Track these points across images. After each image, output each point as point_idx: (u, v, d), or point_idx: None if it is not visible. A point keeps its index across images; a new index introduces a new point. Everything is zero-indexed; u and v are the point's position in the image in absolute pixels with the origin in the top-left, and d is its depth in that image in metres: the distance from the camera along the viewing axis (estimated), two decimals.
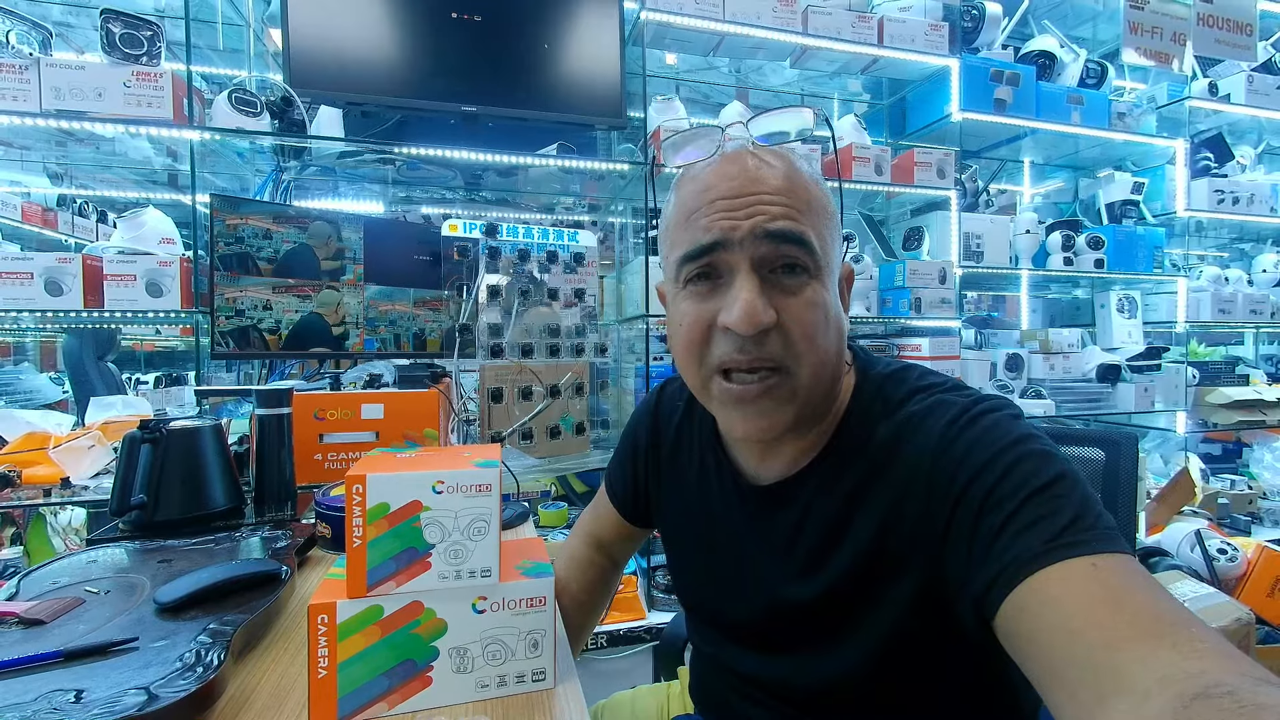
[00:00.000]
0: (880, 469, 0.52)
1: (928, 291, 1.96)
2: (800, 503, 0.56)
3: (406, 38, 1.59)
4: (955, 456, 0.47)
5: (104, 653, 0.48)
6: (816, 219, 0.51)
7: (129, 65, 1.35)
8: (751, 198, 0.49)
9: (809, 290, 0.50)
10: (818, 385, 0.52)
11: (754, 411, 0.51)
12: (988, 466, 0.45)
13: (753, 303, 0.48)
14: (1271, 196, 2.49)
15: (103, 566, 0.66)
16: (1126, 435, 0.76)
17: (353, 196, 1.94)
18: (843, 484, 0.54)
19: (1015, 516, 0.42)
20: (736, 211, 0.49)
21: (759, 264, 0.49)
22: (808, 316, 0.49)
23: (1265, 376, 2.64)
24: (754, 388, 0.50)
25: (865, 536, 0.52)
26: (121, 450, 0.82)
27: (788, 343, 0.49)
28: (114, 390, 2.00)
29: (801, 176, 0.52)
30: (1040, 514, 0.42)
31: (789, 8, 1.83)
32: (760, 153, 0.52)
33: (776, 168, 0.51)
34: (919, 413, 0.52)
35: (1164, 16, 2.25)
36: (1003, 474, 0.44)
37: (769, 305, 0.49)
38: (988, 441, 0.47)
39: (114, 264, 1.36)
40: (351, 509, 0.47)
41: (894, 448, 0.51)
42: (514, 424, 1.44)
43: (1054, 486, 0.43)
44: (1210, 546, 1.74)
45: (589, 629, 0.82)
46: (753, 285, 0.48)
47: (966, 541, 0.45)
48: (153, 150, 1.67)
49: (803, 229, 0.49)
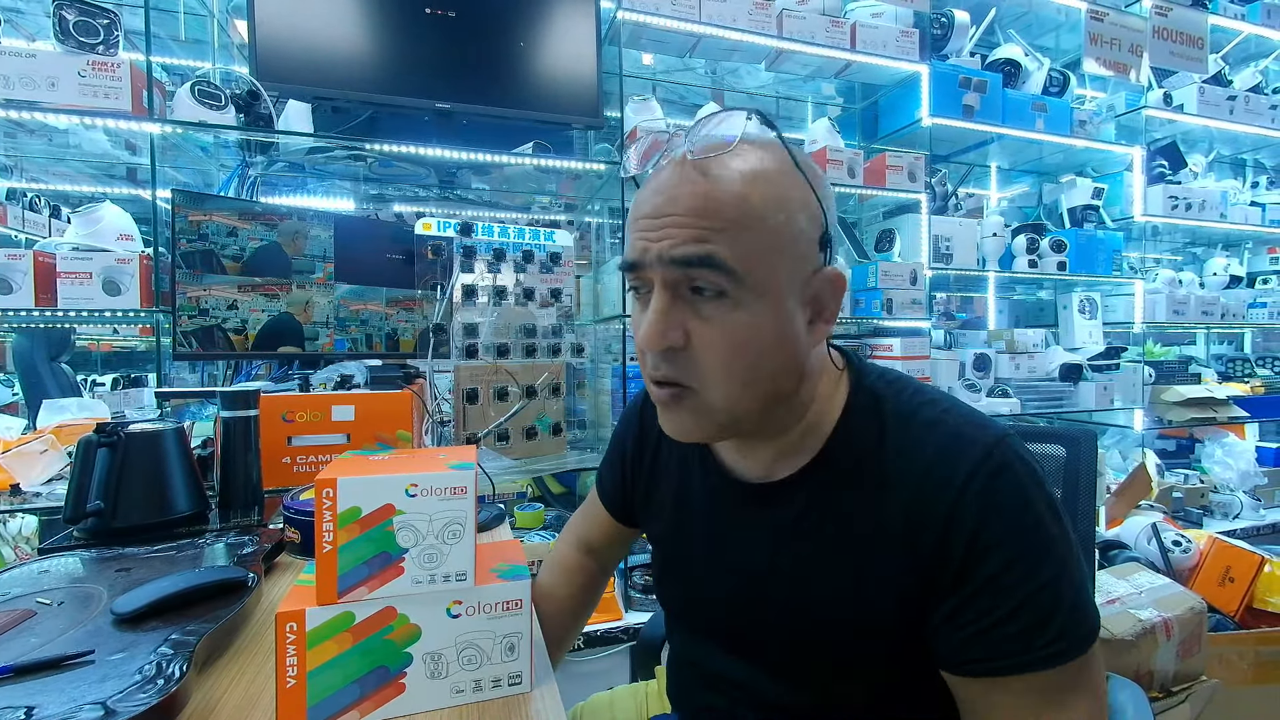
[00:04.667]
0: (889, 491, 0.51)
1: (899, 293, 2.00)
2: (793, 508, 0.55)
3: (378, 31, 1.56)
4: (973, 513, 0.47)
5: (57, 667, 0.46)
6: (739, 237, 0.47)
7: (84, 54, 1.30)
8: (665, 219, 0.48)
9: (727, 316, 0.48)
10: (739, 406, 0.50)
11: (667, 416, 0.53)
12: (1000, 544, 0.47)
13: (654, 324, 0.49)
14: (1221, 203, 2.60)
15: (56, 576, 0.64)
16: (1086, 432, 0.79)
17: (323, 193, 1.90)
18: (844, 497, 0.53)
19: (1007, 619, 0.46)
20: (651, 233, 0.49)
21: (671, 285, 0.49)
22: (719, 343, 0.48)
23: (1216, 375, 2.76)
24: (664, 393, 0.52)
25: (865, 555, 0.51)
26: (76, 454, 0.79)
27: (694, 365, 0.49)
28: (68, 392, 1.92)
29: (726, 193, 0.47)
30: (1028, 622, 0.46)
31: (764, 11, 1.85)
32: (691, 166, 0.48)
33: (695, 185, 0.48)
34: (931, 451, 0.50)
35: (1122, 29, 2.33)
36: (1012, 560, 0.46)
37: (676, 326, 0.49)
38: (1008, 512, 0.47)
39: (68, 261, 1.31)
40: (321, 513, 0.46)
41: (907, 475, 0.50)
42: (489, 425, 1.43)
43: (1050, 588, 0.46)
44: (1165, 539, 1.81)
45: (574, 635, 0.82)
46: (659, 306, 0.49)
47: (955, 605, 0.48)
48: (110, 143, 1.61)
49: (710, 250, 0.47)
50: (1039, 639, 0.45)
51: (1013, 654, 0.46)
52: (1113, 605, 1.31)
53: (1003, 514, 0.47)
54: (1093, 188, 2.49)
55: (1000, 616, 0.46)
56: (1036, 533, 0.47)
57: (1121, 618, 1.26)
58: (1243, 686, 1.42)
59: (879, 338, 2.11)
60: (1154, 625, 1.25)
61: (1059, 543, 0.47)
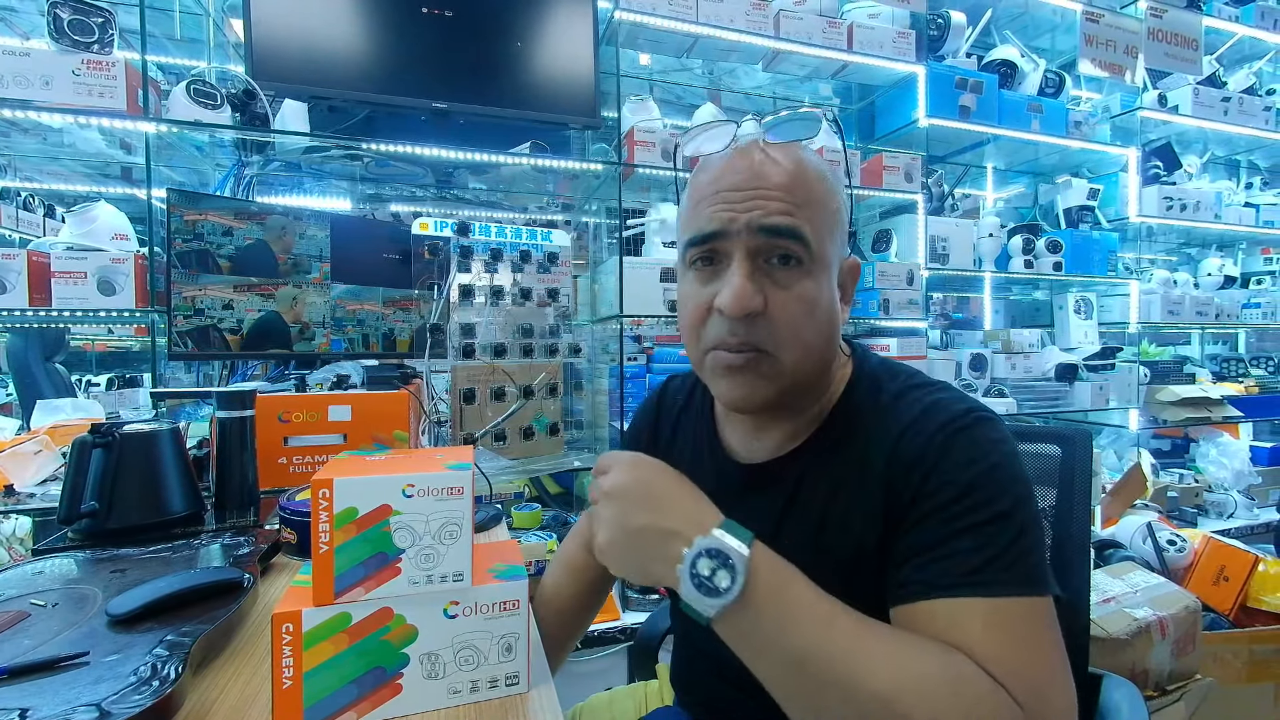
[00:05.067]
0: (870, 461, 0.54)
1: (896, 293, 2.00)
2: (787, 484, 0.58)
3: (375, 31, 1.56)
4: (935, 456, 0.50)
5: (51, 668, 0.45)
6: (815, 215, 0.53)
7: (78, 53, 1.29)
8: (752, 191, 0.53)
9: (800, 283, 0.53)
10: (801, 371, 0.54)
11: (738, 381, 0.55)
12: (954, 480, 0.48)
13: (742, 288, 0.51)
14: (1215, 204, 2.62)
15: (50, 578, 0.63)
16: (1081, 432, 0.79)
17: (319, 193, 1.89)
18: (832, 471, 0.56)
19: (951, 540, 0.47)
20: (737, 204, 0.53)
21: (754, 254, 0.53)
22: (795, 308, 0.53)
23: (1210, 375, 2.77)
24: (739, 359, 0.54)
25: (851, 526, 0.54)
26: (71, 455, 0.79)
27: (773, 329, 0.53)
28: (62, 393, 1.91)
29: (805, 174, 0.54)
30: (973, 545, 0.46)
31: (761, 12, 1.85)
32: (769, 149, 0.55)
33: (780, 164, 0.54)
34: (914, 412, 0.53)
35: (1117, 30, 2.34)
36: (963, 492, 0.48)
37: (758, 292, 0.52)
38: (968, 457, 0.49)
39: (63, 260, 1.30)
40: (318, 513, 0.45)
41: (886, 443, 0.53)
42: (487, 425, 1.43)
43: (1000, 521, 0.46)
44: (1160, 538, 1.82)
45: (580, 633, 0.82)
46: (744, 272, 0.52)
47: (909, 541, 0.49)
48: (105, 142, 1.60)
49: (797, 223, 0.52)
50: (977, 562, 0.45)
51: (948, 573, 0.46)
52: (1108, 604, 1.31)
53: (960, 456, 0.49)
54: (1088, 188, 2.50)
55: (944, 536, 0.47)
56: (991, 475, 0.48)
57: (1117, 617, 1.26)
58: (1237, 685, 1.43)
59: (876, 337, 2.11)
60: (1149, 624, 1.25)
61: (1012, 492, 0.48)
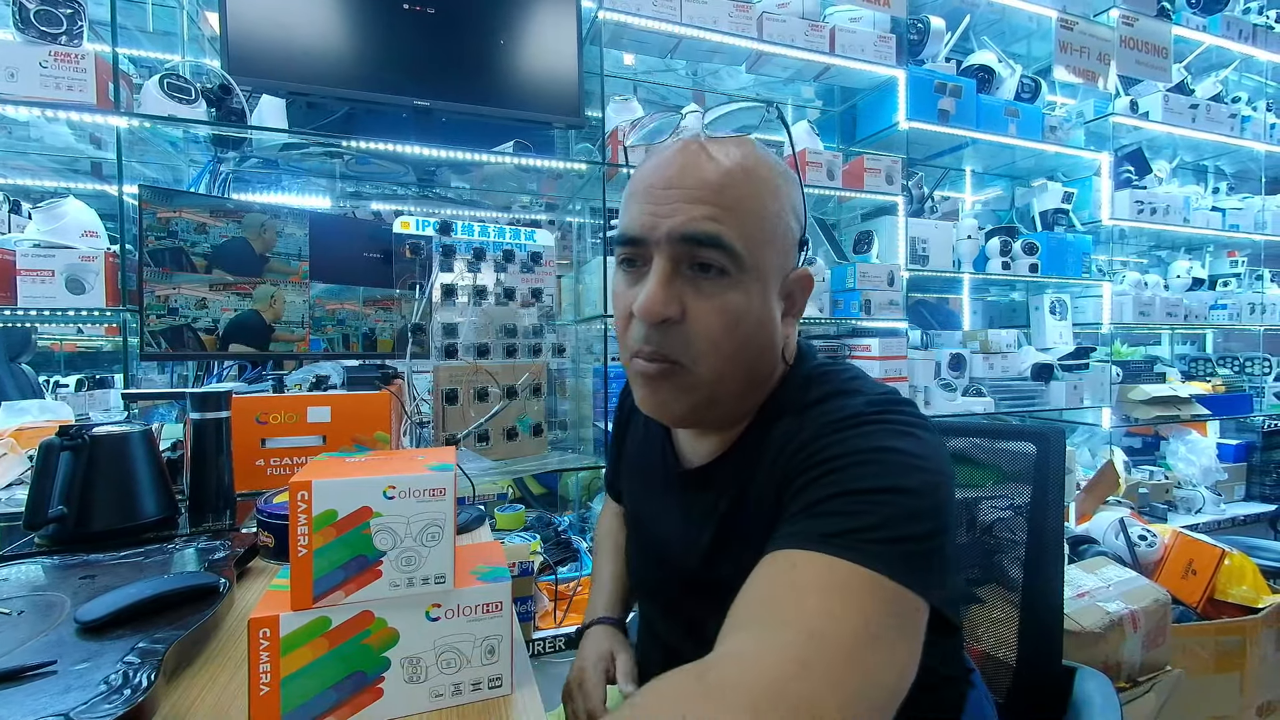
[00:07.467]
0: (773, 462, 0.52)
1: (877, 293, 2.03)
2: (717, 488, 0.58)
3: (355, 26, 1.53)
4: (818, 449, 0.48)
5: (17, 678, 0.44)
6: (746, 221, 0.50)
7: (45, 44, 1.25)
8: (680, 191, 0.50)
9: (724, 294, 0.50)
10: (721, 385, 0.52)
11: (651, 389, 0.54)
12: (833, 461, 0.46)
13: (653, 295, 0.50)
14: (1184, 208, 2.69)
15: (15, 584, 0.61)
16: (1055, 430, 0.81)
17: (297, 191, 1.86)
18: (743, 474, 0.55)
19: (818, 505, 0.44)
20: (661, 207, 0.50)
21: (675, 260, 0.51)
22: (714, 320, 0.50)
23: (1179, 375, 2.85)
24: (653, 368, 0.52)
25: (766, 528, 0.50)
26: (37, 458, 0.76)
27: (689, 340, 0.51)
28: (29, 394, 1.86)
29: (741, 176, 0.50)
30: (838, 510, 0.43)
31: (745, 13, 1.86)
32: (710, 146, 0.51)
33: (717, 164, 0.50)
34: (823, 417, 0.50)
35: (1091, 37, 2.40)
36: (839, 470, 0.45)
37: (673, 300, 0.50)
38: (852, 446, 0.46)
39: (28, 258, 1.26)
40: (296, 516, 0.45)
41: (790, 446, 0.51)
42: (469, 426, 1.41)
43: (875, 494, 0.43)
44: (1132, 534, 1.86)
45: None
46: (660, 279, 0.50)
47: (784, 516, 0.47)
48: (74, 137, 1.55)
49: (720, 230, 0.49)
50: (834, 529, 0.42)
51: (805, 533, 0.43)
52: (1082, 599, 1.34)
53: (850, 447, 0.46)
54: (1063, 192, 2.56)
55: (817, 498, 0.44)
56: (884, 455, 0.45)
57: (1090, 611, 1.29)
58: (1205, 675, 1.47)
59: (858, 338, 2.13)
60: (1121, 618, 1.28)
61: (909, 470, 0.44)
